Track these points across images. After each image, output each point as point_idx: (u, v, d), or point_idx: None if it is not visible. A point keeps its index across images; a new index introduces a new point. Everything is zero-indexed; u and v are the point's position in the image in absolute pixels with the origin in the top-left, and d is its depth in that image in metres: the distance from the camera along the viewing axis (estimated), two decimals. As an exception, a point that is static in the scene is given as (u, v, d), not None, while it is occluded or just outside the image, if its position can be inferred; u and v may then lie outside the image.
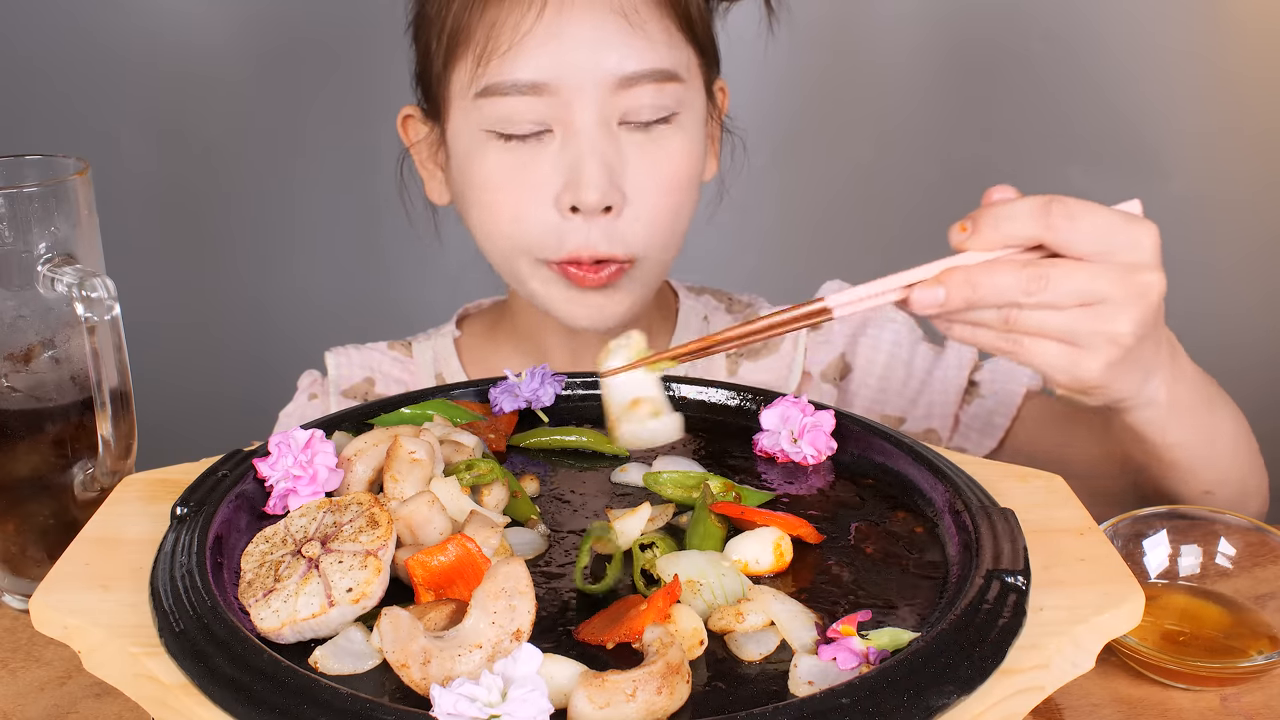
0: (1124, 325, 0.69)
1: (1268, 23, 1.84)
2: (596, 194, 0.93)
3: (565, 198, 0.94)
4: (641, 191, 0.96)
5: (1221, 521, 0.80)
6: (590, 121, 0.93)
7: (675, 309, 1.14)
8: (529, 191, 0.96)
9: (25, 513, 0.84)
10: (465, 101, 0.96)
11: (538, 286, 1.00)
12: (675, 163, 0.97)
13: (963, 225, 0.68)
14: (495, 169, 0.96)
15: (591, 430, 0.75)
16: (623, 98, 0.94)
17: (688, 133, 0.98)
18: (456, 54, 0.96)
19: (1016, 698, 0.52)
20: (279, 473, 0.65)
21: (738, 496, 0.66)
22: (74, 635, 0.56)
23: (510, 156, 0.96)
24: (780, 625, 0.55)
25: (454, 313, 1.18)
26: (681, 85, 0.96)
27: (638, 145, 0.96)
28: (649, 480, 0.68)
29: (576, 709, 0.49)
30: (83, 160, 0.83)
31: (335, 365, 1.13)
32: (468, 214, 1.02)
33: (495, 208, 0.98)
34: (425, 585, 0.57)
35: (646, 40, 0.94)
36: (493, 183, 0.97)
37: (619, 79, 0.93)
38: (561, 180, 0.95)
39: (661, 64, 0.95)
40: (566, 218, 0.95)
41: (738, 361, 1.11)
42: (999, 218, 0.68)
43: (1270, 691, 0.72)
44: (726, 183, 1.12)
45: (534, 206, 0.96)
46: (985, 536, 0.59)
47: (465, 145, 0.98)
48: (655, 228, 0.97)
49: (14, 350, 0.80)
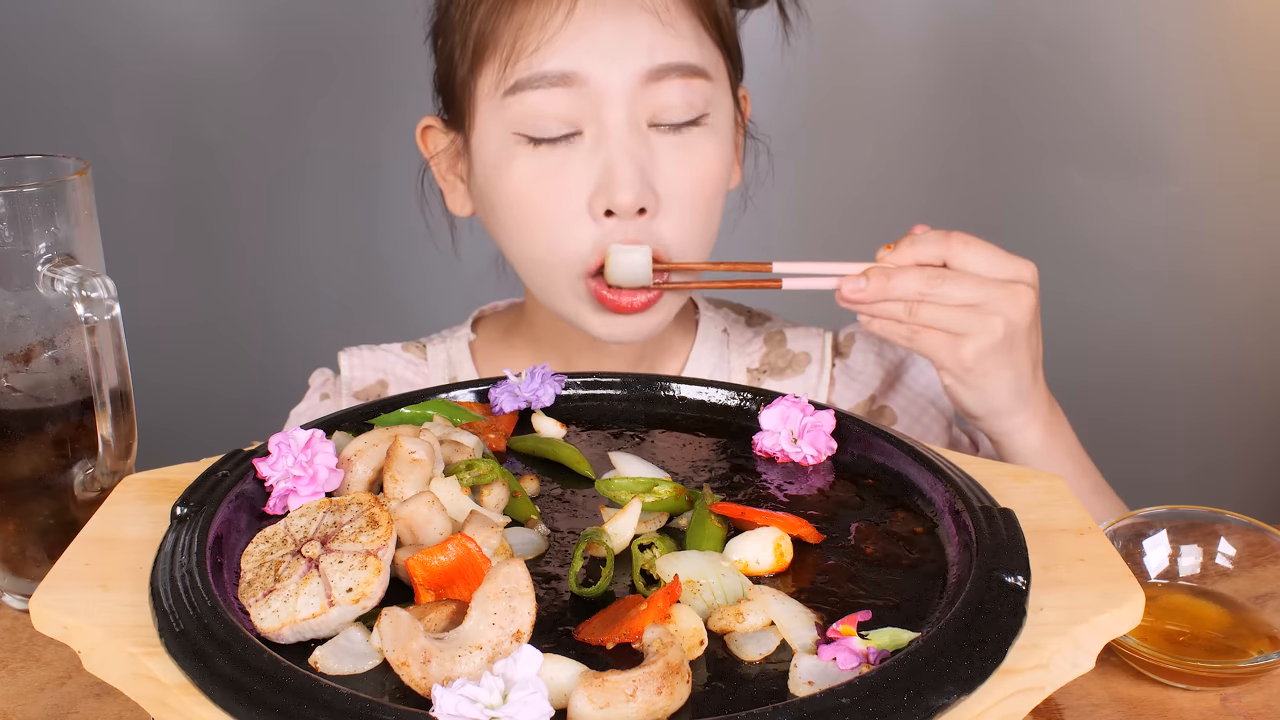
0: (995, 322, 0.87)
1: (1269, 23, 1.84)
2: (631, 194, 0.92)
3: (599, 201, 0.93)
4: (674, 194, 0.95)
5: (1221, 521, 0.80)
6: (620, 121, 0.93)
7: (695, 321, 1.14)
8: (560, 197, 0.94)
9: (25, 513, 0.84)
10: (493, 102, 0.95)
11: (571, 304, 0.98)
12: (708, 164, 0.97)
13: (888, 246, 0.89)
14: (524, 175, 0.95)
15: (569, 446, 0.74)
16: (651, 94, 0.93)
17: (718, 135, 0.98)
18: (484, 57, 0.95)
19: (1016, 698, 0.52)
20: (279, 473, 0.65)
21: (690, 500, 0.66)
22: (74, 635, 0.56)
23: (539, 162, 0.94)
24: (780, 625, 0.55)
25: (466, 314, 1.17)
26: (710, 84, 0.96)
27: (669, 148, 0.95)
28: (601, 487, 0.67)
29: (576, 709, 0.49)
30: (83, 160, 0.83)
31: (348, 366, 1.12)
32: (496, 224, 1.00)
33: (527, 216, 0.96)
34: (425, 585, 0.57)
35: (675, 36, 0.94)
36: (522, 189, 0.95)
37: (648, 71, 0.92)
38: (593, 183, 0.93)
39: (689, 58, 0.94)
40: (601, 223, 0.94)
41: (760, 379, 1.11)
42: (914, 241, 0.89)
43: (1270, 691, 0.72)
44: (750, 190, 1.11)
45: (567, 213, 0.94)
46: (985, 536, 0.59)
47: (493, 153, 0.97)
48: (690, 231, 0.96)
49: (14, 350, 0.80)
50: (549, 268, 0.97)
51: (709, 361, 1.11)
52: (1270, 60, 1.85)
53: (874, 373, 1.11)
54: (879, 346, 1.12)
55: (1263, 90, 1.86)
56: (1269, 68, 1.85)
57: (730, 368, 1.11)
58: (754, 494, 0.69)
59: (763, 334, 1.13)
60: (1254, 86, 1.86)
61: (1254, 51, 1.85)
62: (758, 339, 1.13)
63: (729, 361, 1.11)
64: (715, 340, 1.12)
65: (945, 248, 0.87)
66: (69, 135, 1.95)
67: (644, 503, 0.64)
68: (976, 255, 0.87)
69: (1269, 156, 1.88)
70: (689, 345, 1.11)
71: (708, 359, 1.11)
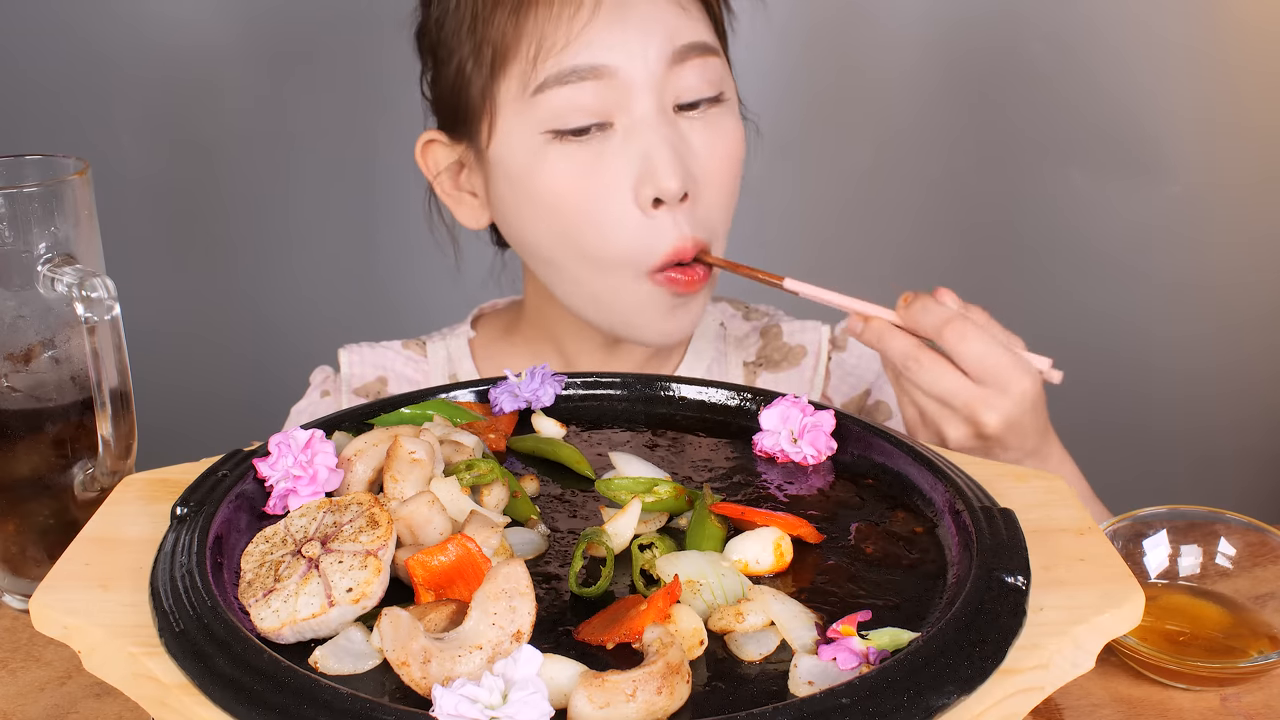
0: (963, 426, 0.85)
1: (1269, 23, 1.84)
2: (676, 180, 0.92)
3: (645, 191, 0.92)
4: (709, 175, 0.95)
5: (1221, 521, 0.80)
6: (651, 108, 0.93)
7: None
8: (604, 191, 0.93)
9: (25, 513, 0.84)
10: (520, 104, 0.94)
11: (633, 304, 0.97)
12: (733, 141, 0.97)
13: (906, 298, 0.87)
14: (561, 174, 0.94)
15: (569, 446, 0.74)
16: (675, 78, 0.93)
17: (734, 113, 0.99)
18: (507, 60, 0.94)
19: (1016, 698, 0.52)
20: (279, 473, 0.65)
21: (690, 500, 0.66)
22: (74, 635, 0.56)
23: (573, 158, 0.93)
24: (780, 625, 0.55)
25: (463, 311, 1.17)
26: (721, 61, 0.97)
27: (698, 129, 0.95)
28: (601, 487, 0.67)
29: (576, 709, 0.49)
30: (83, 160, 0.83)
31: (348, 363, 1.12)
32: (532, 229, 0.98)
33: (571, 215, 0.94)
34: (425, 585, 0.57)
35: (690, 18, 0.95)
36: (562, 188, 0.94)
37: (671, 55, 0.93)
38: (634, 173, 0.93)
39: (704, 37, 0.96)
40: (649, 214, 0.93)
41: (755, 372, 1.11)
42: (923, 309, 0.86)
43: (1270, 691, 0.72)
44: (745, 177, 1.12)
45: (615, 206, 0.93)
46: (985, 536, 0.59)
47: (523, 157, 0.95)
48: (725, 210, 0.97)
49: (14, 350, 0.80)
50: (605, 266, 0.96)
51: (706, 355, 1.11)
52: (1271, 61, 1.85)
53: (869, 366, 1.11)
54: None
55: (1264, 90, 1.86)
56: (1270, 69, 1.85)
57: (727, 361, 1.11)
58: (754, 494, 0.69)
59: (759, 327, 1.14)
60: (1255, 88, 1.86)
61: (1255, 50, 1.85)
62: (754, 333, 1.13)
63: (726, 355, 1.11)
64: (713, 334, 1.12)
65: (937, 331, 0.85)
66: (68, 136, 1.95)
67: (644, 503, 0.64)
68: (970, 348, 0.84)
69: (1270, 156, 1.88)
70: (686, 341, 1.12)
71: (705, 352, 1.11)
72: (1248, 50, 1.85)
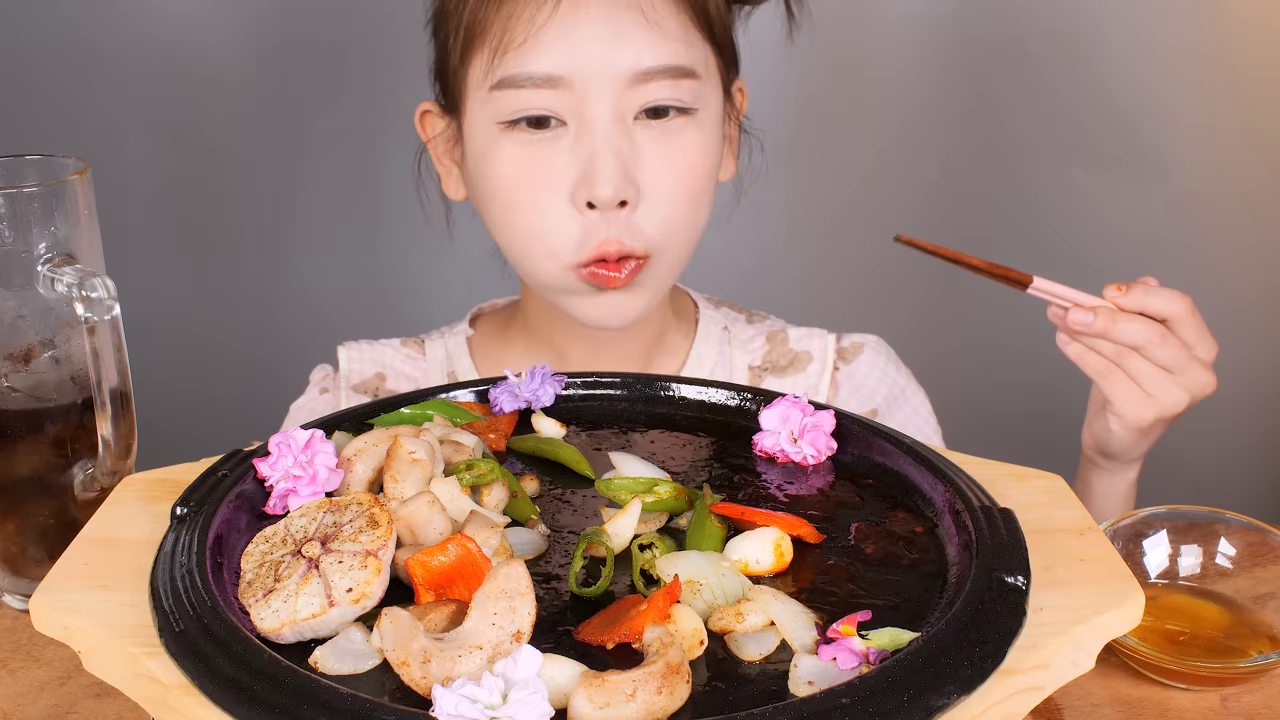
0: (1183, 395, 0.91)
1: (1270, 23, 1.84)
2: (610, 189, 0.93)
3: (580, 193, 0.94)
4: (656, 185, 0.96)
5: (1221, 521, 0.80)
6: (605, 116, 0.93)
7: (695, 319, 1.14)
8: (544, 187, 0.95)
9: (25, 513, 0.84)
10: (481, 94, 0.96)
11: (559, 290, 0.99)
12: (690, 156, 0.97)
13: (1119, 286, 0.91)
14: (510, 163, 0.96)
15: (569, 446, 0.75)
16: (638, 93, 0.94)
17: (704, 129, 0.98)
18: (473, 47, 0.96)
19: (1016, 698, 0.52)
20: (279, 473, 0.65)
21: (690, 500, 0.66)
22: (74, 635, 0.56)
23: (524, 150, 0.96)
24: (780, 625, 0.55)
25: (462, 312, 1.18)
26: (698, 82, 0.96)
27: (652, 138, 0.95)
28: (601, 487, 0.67)
29: (576, 709, 0.49)
30: (83, 160, 0.83)
31: (346, 360, 1.13)
32: (485, 211, 1.02)
33: (512, 204, 0.97)
34: (425, 585, 0.57)
35: (662, 36, 0.94)
36: (508, 178, 0.97)
37: (634, 74, 0.93)
38: (576, 175, 0.94)
39: (677, 60, 0.94)
40: (584, 215, 0.95)
41: (761, 376, 1.11)
42: (1149, 292, 0.90)
43: (1270, 691, 0.72)
44: (744, 184, 1.12)
45: (551, 201, 0.95)
46: (985, 536, 0.59)
47: (481, 140, 0.98)
48: (671, 223, 0.97)
49: (14, 350, 0.80)
50: (535, 256, 0.98)
51: (710, 359, 1.11)
52: (1272, 62, 1.85)
53: (875, 388, 1.11)
54: (884, 364, 1.12)
55: (1265, 90, 1.86)
56: (1271, 70, 1.85)
57: (732, 365, 1.11)
58: (754, 494, 0.69)
59: (764, 332, 1.14)
60: (1256, 88, 1.86)
61: (1256, 50, 1.85)
62: (759, 336, 1.13)
63: (730, 359, 1.11)
64: (716, 338, 1.12)
65: (1174, 308, 0.89)
66: (68, 136, 1.95)
67: (644, 503, 0.64)
68: (1191, 326, 0.90)
69: (1270, 156, 1.88)
70: (689, 343, 1.12)
71: (709, 356, 1.11)
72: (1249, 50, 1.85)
